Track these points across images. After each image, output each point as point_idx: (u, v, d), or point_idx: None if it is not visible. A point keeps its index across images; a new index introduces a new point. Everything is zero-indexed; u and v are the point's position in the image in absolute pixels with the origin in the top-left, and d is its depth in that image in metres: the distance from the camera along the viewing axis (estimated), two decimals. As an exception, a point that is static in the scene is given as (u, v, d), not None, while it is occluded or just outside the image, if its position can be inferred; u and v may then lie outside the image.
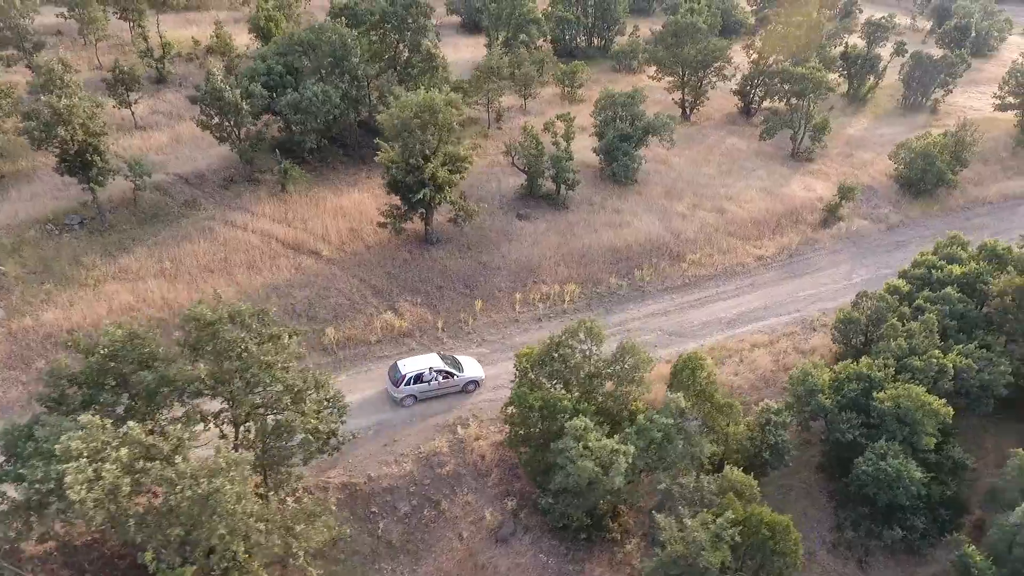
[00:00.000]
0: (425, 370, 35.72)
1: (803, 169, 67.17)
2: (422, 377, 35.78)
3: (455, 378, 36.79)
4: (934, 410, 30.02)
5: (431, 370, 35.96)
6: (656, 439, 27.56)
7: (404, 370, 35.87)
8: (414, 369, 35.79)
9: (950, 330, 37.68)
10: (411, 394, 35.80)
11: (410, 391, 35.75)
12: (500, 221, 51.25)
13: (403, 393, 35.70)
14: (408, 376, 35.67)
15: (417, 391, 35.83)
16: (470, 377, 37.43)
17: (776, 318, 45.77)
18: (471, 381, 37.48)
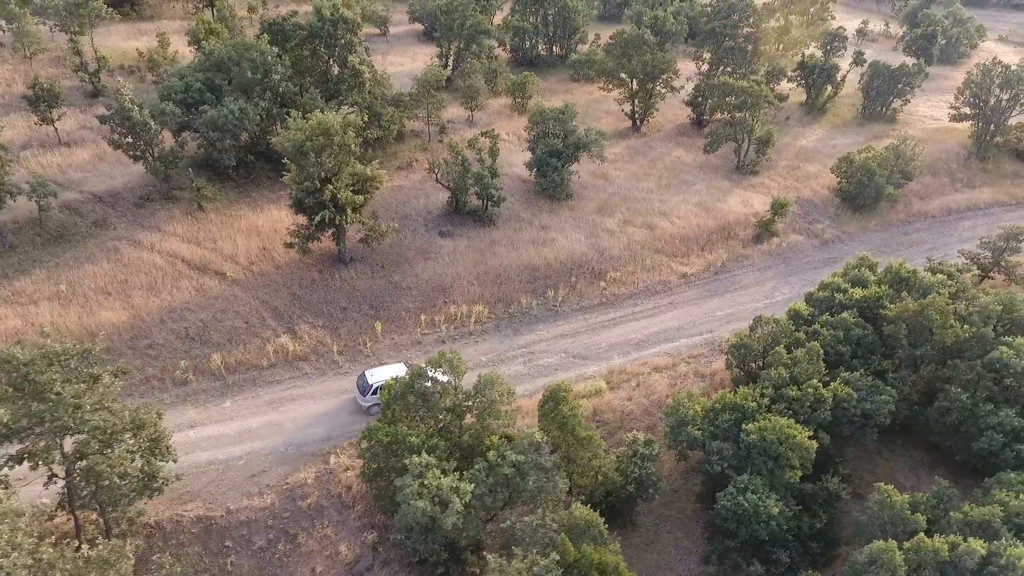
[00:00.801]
0: (391, 380, 35.40)
1: (746, 183, 66.85)
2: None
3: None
4: (798, 443, 29.78)
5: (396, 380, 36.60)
6: (509, 474, 27.41)
7: (371, 380, 36.97)
8: (381, 379, 36.71)
9: (844, 356, 37.41)
10: (377, 403, 36.44)
11: (376, 400, 36.49)
12: (420, 239, 51.11)
13: (370, 402, 36.79)
14: (375, 385, 36.65)
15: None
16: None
17: (687, 339, 45.52)
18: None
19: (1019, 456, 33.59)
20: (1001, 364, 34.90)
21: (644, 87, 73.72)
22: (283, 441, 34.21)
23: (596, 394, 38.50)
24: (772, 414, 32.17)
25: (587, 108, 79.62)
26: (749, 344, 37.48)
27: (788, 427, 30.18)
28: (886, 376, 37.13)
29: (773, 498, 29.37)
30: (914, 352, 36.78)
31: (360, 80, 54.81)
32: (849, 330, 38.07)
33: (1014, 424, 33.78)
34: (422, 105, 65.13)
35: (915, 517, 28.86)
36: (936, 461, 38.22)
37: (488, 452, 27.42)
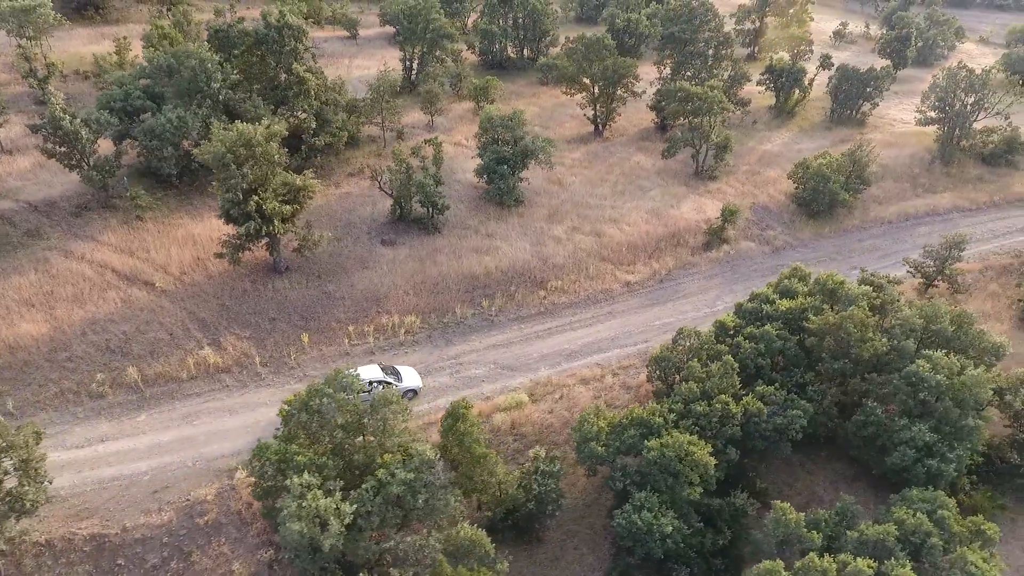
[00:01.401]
0: (364, 381, 36.76)
1: (703, 188, 66.60)
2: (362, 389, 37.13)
3: (393, 388, 38.07)
4: (696, 460, 29.60)
5: (370, 382, 37.70)
6: (399, 493, 27.30)
7: None
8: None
9: (764, 369, 37.22)
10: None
11: None
12: (362, 247, 51.00)
13: None
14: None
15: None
16: (408, 387, 39.47)
17: (620, 349, 45.34)
18: (409, 390, 39.50)
19: (930, 472, 33.42)
20: (917, 378, 34.68)
21: (605, 92, 73.53)
22: (193, 456, 34.14)
23: (516, 407, 38.36)
24: (679, 430, 32.03)
25: (553, 112, 79.62)
26: (668, 357, 37.31)
27: (689, 443, 30.01)
28: (806, 389, 37.00)
29: (670, 515, 29.22)
30: (833, 365, 36.58)
31: (304, 88, 54.62)
32: (771, 343, 37.89)
33: (926, 439, 33.58)
34: (376, 111, 65.16)
35: (810, 535, 28.70)
36: (859, 474, 38.03)
37: (378, 471, 27.31)
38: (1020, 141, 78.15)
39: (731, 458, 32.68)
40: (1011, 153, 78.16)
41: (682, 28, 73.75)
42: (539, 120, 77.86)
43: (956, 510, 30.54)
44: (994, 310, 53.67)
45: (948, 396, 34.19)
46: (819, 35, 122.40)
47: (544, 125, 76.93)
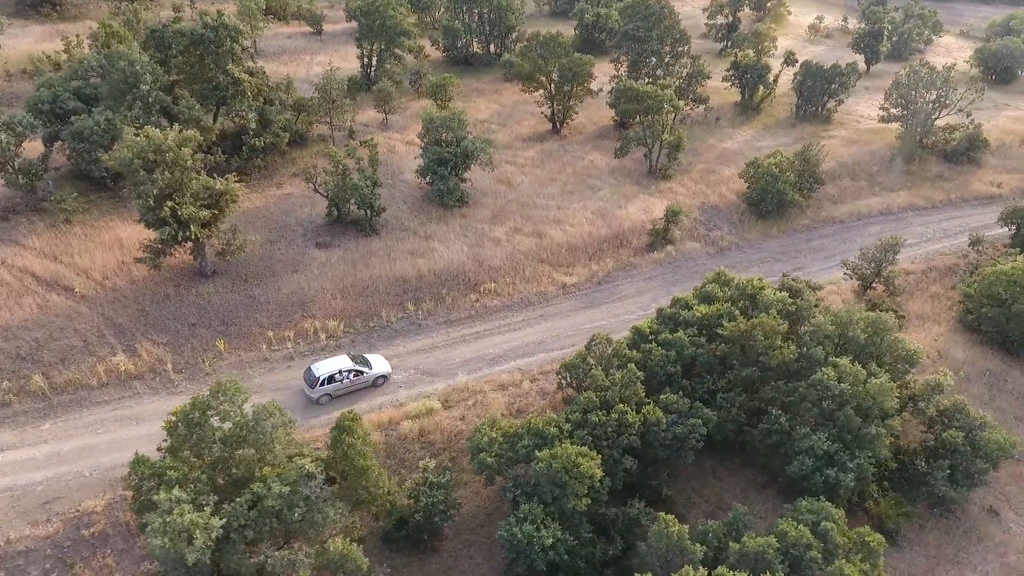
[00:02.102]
0: (336, 371, 39.72)
1: (654, 188, 66.19)
2: (334, 377, 39.77)
3: (364, 375, 40.75)
4: (581, 472, 29.43)
5: (341, 371, 39.88)
6: (275, 506, 27.22)
7: (318, 372, 39.76)
8: (327, 371, 39.71)
9: (674, 377, 36.97)
10: (326, 393, 39.75)
11: (325, 391, 39.68)
12: (295, 250, 50.78)
13: (318, 393, 39.56)
14: (322, 377, 39.49)
15: (331, 390, 39.91)
16: (378, 373, 41.36)
17: (545, 354, 45.10)
18: (379, 376, 41.45)
19: (828, 481, 33.23)
20: (822, 387, 34.44)
21: (561, 90, 73.01)
22: (91, 465, 34.11)
23: (427, 414, 38.23)
24: (573, 440, 31.86)
25: (513, 109, 79.11)
26: (578, 364, 37.09)
27: (578, 455, 29.83)
28: (716, 397, 36.77)
29: (554, 527, 29.07)
30: (741, 373, 36.32)
31: (240, 89, 54.25)
32: (683, 349, 37.63)
33: (825, 448, 33.37)
34: (324, 110, 64.77)
35: (693, 547, 28.55)
36: (769, 481, 37.85)
37: (252, 485, 27.20)
38: (982, 138, 77.60)
39: (627, 467, 32.53)
40: (973, 150, 77.55)
41: (636, 26, 73.08)
42: (498, 118, 77.57)
43: (844, 521, 30.32)
44: (933, 312, 53.34)
45: (851, 405, 33.95)
46: (796, 29, 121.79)
47: (502, 123, 76.65)
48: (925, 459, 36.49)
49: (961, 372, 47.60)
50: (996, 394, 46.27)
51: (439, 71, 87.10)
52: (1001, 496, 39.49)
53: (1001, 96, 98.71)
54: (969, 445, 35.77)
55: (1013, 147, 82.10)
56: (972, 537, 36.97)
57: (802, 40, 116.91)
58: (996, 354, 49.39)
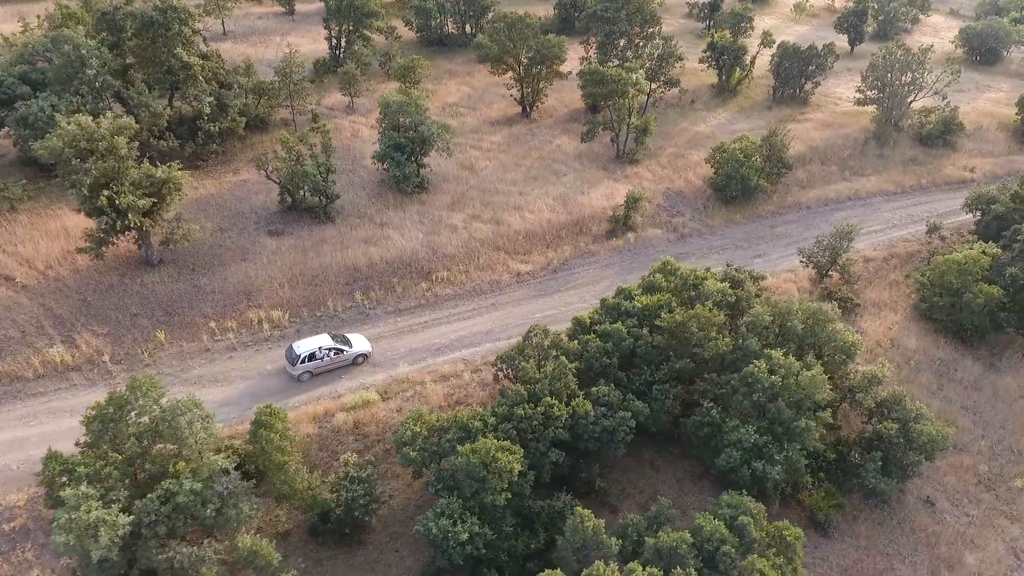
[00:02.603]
0: (316, 349, 40.91)
1: (620, 173, 65.53)
2: (314, 355, 40.95)
3: (344, 353, 41.84)
4: (499, 467, 29.33)
5: (321, 348, 41.07)
6: (187, 502, 27.20)
7: (299, 350, 40.99)
8: (307, 349, 40.92)
9: (610, 368, 36.76)
10: (307, 370, 40.98)
11: (306, 368, 40.89)
12: (246, 238, 50.44)
13: (299, 370, 40.82)
14: (302, 355, 40.67)
15: (312, 367, 41.11)
16: (358, 351, 42.42)
17: (492, 344, 44.84)
18: (359, 355, 42.52)
19: (755, 474, 33.16)
20: (753, 379, 34.24)
21: (530, 72, 72.04)
22: (19, 458, 34.14)
23: (364, 405, 38.15)
24: (498, 434, 31.76)
25: (484, 92, 78.23)
26: (513, 356, 36.90)
27: (497, 449, 29.72)
28: (652, 388, 36.61)
29: (471, 521, 29.05)
30: (675, 364, 36.13)
31: (190, 73, 53.49)
32: (621, 340, 37.40)
33: (753, 441, 33.25)
34: (285, 94, 64.01)
35: (608, 542, 28.56)
36: (704, 473, 37.77)
37: (166, 480, 27.17)
38: (957, 122, 76.62)
39: (554, 461, 32.47)
40: (948, 134, 76.64)
41: (605, 6, 71.85)
42: (468, 101, 76.75)
43: (763, 516, 30.26)
44: (891, 299, 52.97)
45: (783, 397, 33.77)
46: (782, 7, 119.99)
47: (471, 106, 75.84)
48: (860, 451, 36.40)
49: (911, 361, 47.55)
50: (945, 383, 46.06)
51: (412, 52, 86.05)
52: (939, 487, 39.46)
53: (984, 78, 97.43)
54: (902, 437, 35.64)
55: (990, 131, 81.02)
56: (905, 528, 36.99)
57: (787, 20, 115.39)
58: (949, 343, 49.11)
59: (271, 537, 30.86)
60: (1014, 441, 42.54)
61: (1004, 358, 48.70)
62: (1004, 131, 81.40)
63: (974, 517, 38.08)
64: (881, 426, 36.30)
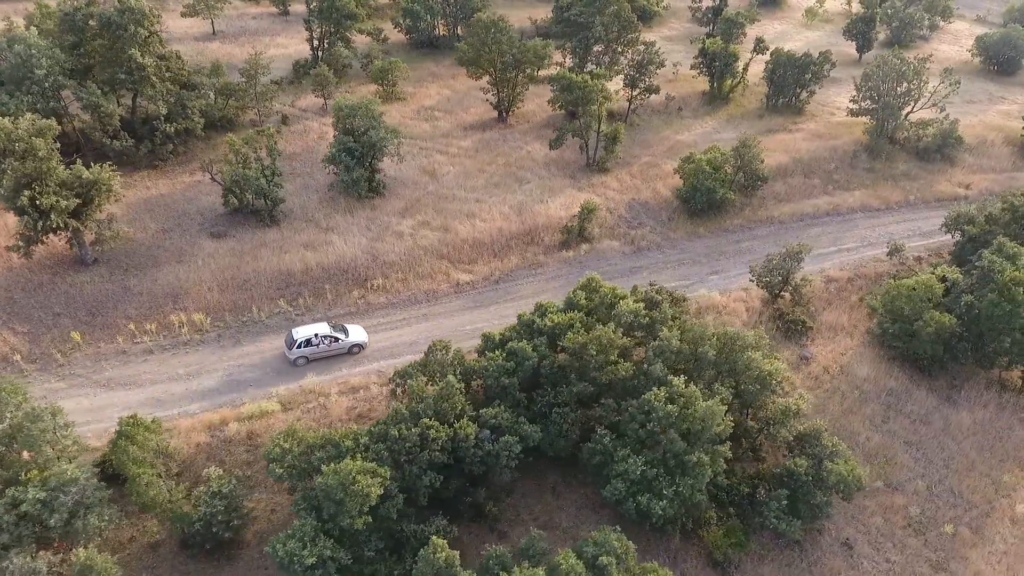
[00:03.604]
0: (312, 336, 42.57)
1: (587, 182, 63.88)
2: (311, 341, 42.53)
3: (340, 342, 43.29)
4: (356, 490, 28.25)
5: (317, 335, 42.72)
6: (34, 511, 26.87)
7: (296, 336, 42.80)
8: (304, 335, 42.68)
9: (510, 389, 35.37)
10: (303, 355, 42.66)
11: (301, 353, 42.57)
12: (185, 240, 50.36)
13: (295, 355, 42.50)
14: (299, 340, 42.47)
15: (308, 353, 42.71)
16: (353, 341, 43.81)
17: (413, 356, 42.91)
18: (355, 344, 43.88)
19: (640, 508, 31.42)
20: (649, 407, 32.52)
21: (506, 76, 70.82)
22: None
23: (261, 415, 37.53)
24: (369, 454, 30.73)
25: (464, 95, 77.29)
26: (409, 372, 35.83)
27: (358, 471, 28.69)
28: (551, 412, 35.12)
29: (324, 544, 28.07)
30: (573, 388, 34.57)
31: (144, 74, 53.72)
32: (524, 360, 35.98)
33: (640, 472, 31.50)
34: (251, 95, 64.07)
35: (464, 573, 27.30)
36: (606, 503, 36.22)
37: (9, 488, 26.93)
38: (956, 135, 72.84)
39: (428, 484, 31.27)
40: (946, 148, 72.94)
41: (579, 11, 70.18)
42: (446, 104, 75.92)
43: (632, 555, 28.56)
44: (850, 323, 50.25)
45: (677, 428, 32.00)
46: (794, 12, 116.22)
47: (449, 109, 74.96)
48: (767, 488, 34.33)
49: (858, 390, 44.98)
50: (892, 416, 43.40)
51: (401, 55, 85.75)
52: (863, 528, 37.02)
53: (999, 88, 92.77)
54: (811, 476, 33.47)
55: (995, 145, 76.92)
56: (815, 572, 34.64)
57: (798, 25, 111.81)
58: (905, 372, 46.30)
59: (141, 548, 30.56)
60: (956, 482, 39.83)
61: (963, 391, 45.74)
62: (1010, 146, 77.23)
63: (895, 564, 35.60)
64: (792, 462, 34.19)
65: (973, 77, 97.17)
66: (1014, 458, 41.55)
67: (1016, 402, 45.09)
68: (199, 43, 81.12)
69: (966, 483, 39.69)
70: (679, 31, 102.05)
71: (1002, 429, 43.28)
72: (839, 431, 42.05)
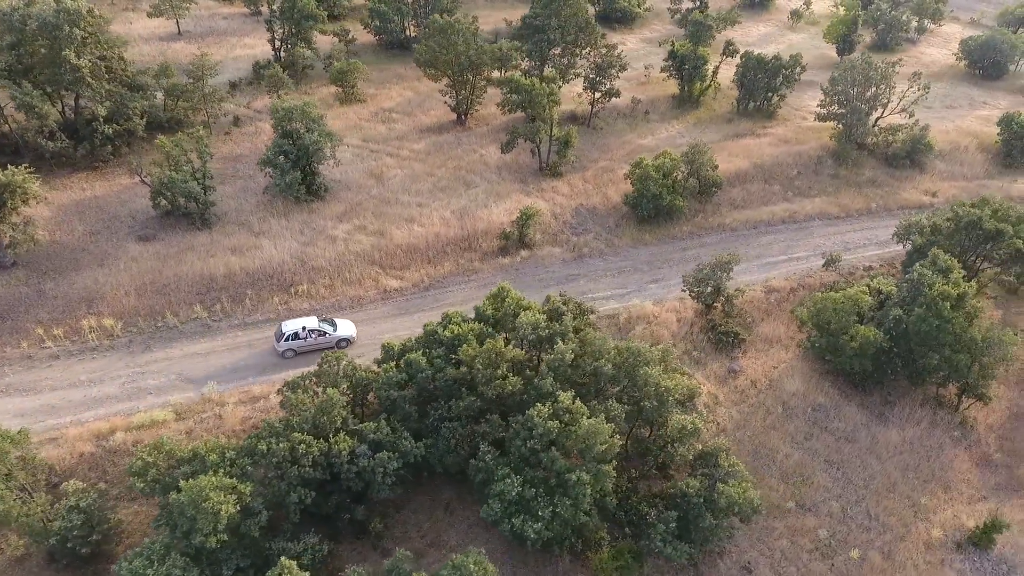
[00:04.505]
0: (299, 329, 43.55)
1: (537, 186, 62.68)
2: (298, 335, 43.49)
3: (327, 336, 44.09)
4: (205, 508, 27.34)
5: (304, 328, 43.63)
6: None
7: (284, 329, 43.79)
8: (292, 328, 43.64)
9: (399, 402, 34.36)
10: (291, 348, 43.40)
11: (289, 346, 43.35)
12: (111, 243, 49.80)
13: (283, 347, 43.32)
14: (287, 333, 43.44)
15: (295, 346, 43.35)
16: (341, 336, 44.56)
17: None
18: (342, 339, 44.57)
19: (515, 531, 30.24)
20: (532, 424, 31.35)
21: (463, 79, 69.79)
22: None
23: (151, 425, 36.77)
24: (234, 468, 29.87)
25: (426, 97, 76.27)
26: (298, 383, 34.92)
27: (211, 487, 27.82)
28: (440, 427, 34.04)
29: (176, 561, 27.22)
30: (460, 403, 33.46)
31: (79, 75, 53.31)
32: (418, 372, 34.94)
33: (516, 492, 30.32)
34: (198, 96, 63.54)
35: (311, 598, 26.41)
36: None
37: None
38: (925, 141, 70.84)
39: (297, 501, 30.31)
40: (916, 154, 70.99)
41: (535, 13, 69.02)
42: (406, 106, 75.02)
43: (491, 581, 27.52)
44: (787, 335, 48.66)
45: (560, 445, 30.81)
46: (780, 14, 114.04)
47: (408, 112, 74.04)
48: (658, 509, 33.02)
49: (785, 405, 43.45)
50: (816, 433, 41.84)
51: (370, 56, 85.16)
52: (766, 552, 35.55)
53: (982, 93, 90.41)
54: (702, 498, 32.11)
55: (968, 151, 74.78)
56: (709, 597, 33.56)
57: (783, 27, 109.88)
58: (836, 387, 44.70)
59: (7, 561, 29.89)
60: (873, 504, 38.24)
61: (896, 407, 44.04)
62: (984, 152, 75.07)
63: (795, 589, 34.29)
64: (684, 483, 32.86)
65: (957, 81, 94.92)
66: (939, 479, 39.91)
67: (950, 420, 43.43)
68: (163, 43, 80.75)
69: (883, 505, 38.10)
70: (661, 32, 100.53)
71: (931, 448, 41.64)
72: (758, 448, 40.77)
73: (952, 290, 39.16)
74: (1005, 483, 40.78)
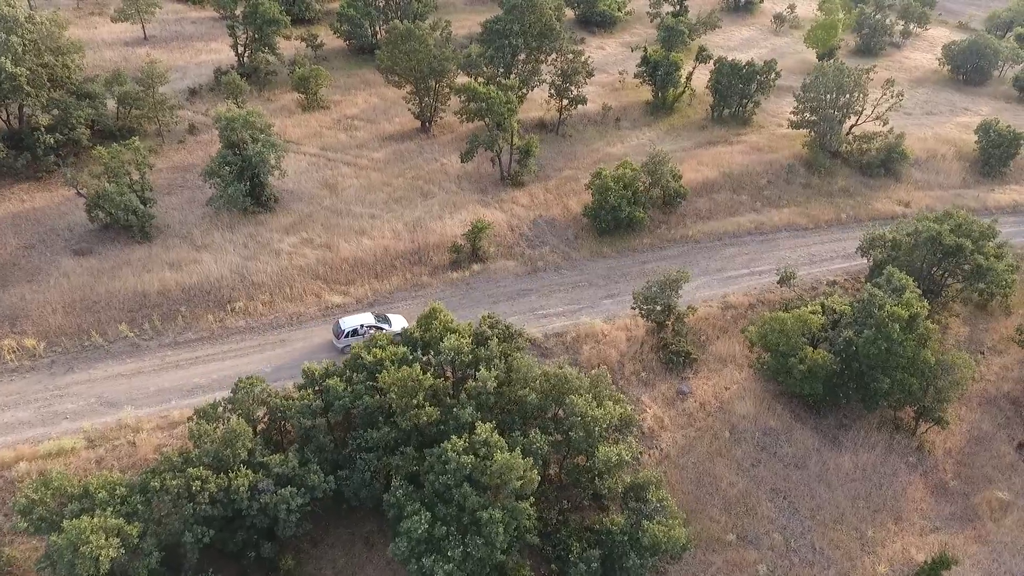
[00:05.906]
0: (358, 326, 44.87)
1: (496, 197, 60.97)
2: (357, 331, 44.55)
3: (383, 331, 43.74)
4: (85, 553, 25.67)
5: (362, 325, 44.96)
6: None
7: (344, 325, 45.04)
8: (351, 325, 44.96)
9: (313, 431, 32.72)
10: (350, 344, 43.30)
11: (348, 342, 43.94)
12: (44, 257, 48.18)
13: (343, 343, 44.21)
14: (347, 330, 44.65)
15: (354, 342, 42.79)
16: (396, 331, 44.09)
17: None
18: (397, 335, 42.83)
19: (424, 572, 28.49)
20: (446, 458, 29.66)
21: (426, 85, 68.13)
22: None
23: (60, 454, 35.08)
24: (124, 506, 28.25)
25: (392, 104, 74.39)
26: (207, 411, 33.28)
27: (91, 528, 26.20)
28: (356, 458, 32.36)
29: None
30: (373, 434, 31.80)
31: (16, 84, 51.77)
32: (336, 399, 33.28)
33: (423, 531, 28.60)
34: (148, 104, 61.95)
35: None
36: (419, 555, 33.37)
37: None
38: (899, 149, 69.07)
39: (193, 540, 28.66)
40: (890, 162, 69.25)
41: (497, 18, 67.36)
42: (371, 113, 73.34)
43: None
44: (741, 355, 46.89)
45: (474, 481, 29.11)
46: (764, 18, 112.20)
47: (371, 119, 72.36)
48: (583, 546, 31.30)
49: (733, 430, 41.70)
50: (764, 459, 40.07)
51: (340, 61, 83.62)
52: (704, 588, 34.01)
53: (964, 99, 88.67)
54: (626, 535, 30.41)
55: (946, 160, 73.08)
56: (635, 639, 31.79)
57: (766, 31, 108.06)
58: (789, 409, 42.91)
59: None
60: (819, 536, 36.44)
61: (851, 431, 42.30)
62: (962, 161, 73.38)
63: (729, 630, 32.59)
64: (608, 520, 31.16)
65: (940, 87, 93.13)
66: (890, 508, 38.12)
67: (907, 444, 41.65)
68: (128, 48, 79.20)
69: (829, 537, 36.32)
70: (641, 37, 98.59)
71: (885, 475, 39.85)
72: (701, 476, 38.98)
73: (903, 311, 37.37)
74: (960, 512, 38.98)
